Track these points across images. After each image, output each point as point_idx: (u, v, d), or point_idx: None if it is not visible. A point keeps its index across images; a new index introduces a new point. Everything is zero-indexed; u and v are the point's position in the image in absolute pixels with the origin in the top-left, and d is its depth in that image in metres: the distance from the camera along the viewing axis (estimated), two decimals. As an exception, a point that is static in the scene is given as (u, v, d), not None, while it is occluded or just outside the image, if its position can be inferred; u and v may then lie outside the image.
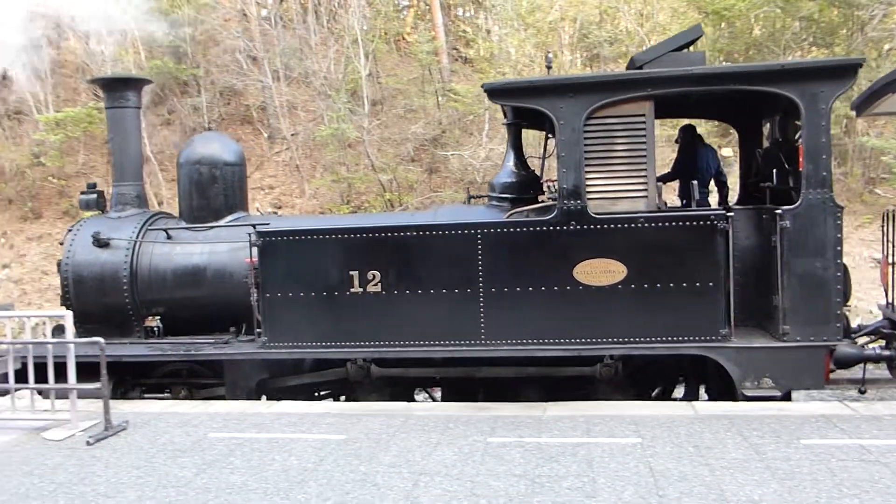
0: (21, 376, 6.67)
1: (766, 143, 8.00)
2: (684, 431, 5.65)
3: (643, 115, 6.61)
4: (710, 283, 6.47)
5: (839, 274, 6.40)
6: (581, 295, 6.63)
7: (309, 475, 5.02)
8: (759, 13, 18.37)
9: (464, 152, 19.47)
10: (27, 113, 22.95)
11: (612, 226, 6.60)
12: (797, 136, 6.80)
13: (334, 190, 20.23)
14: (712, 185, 8.65)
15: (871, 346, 7.17)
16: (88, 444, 5.94)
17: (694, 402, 6.62)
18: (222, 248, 7.94)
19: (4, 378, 6.74)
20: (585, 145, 6.66)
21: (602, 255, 6.59)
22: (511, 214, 7.10)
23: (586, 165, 6.66)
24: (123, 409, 7.01)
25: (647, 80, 6.60)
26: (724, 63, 18.81)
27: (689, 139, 8.55)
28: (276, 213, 19.68)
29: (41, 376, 6.58)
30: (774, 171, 7.18)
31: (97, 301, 7.96)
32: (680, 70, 6.63)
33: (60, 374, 6.45)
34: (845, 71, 6.39)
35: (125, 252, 8.12)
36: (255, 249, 7.23)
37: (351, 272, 7.01)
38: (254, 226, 7.49)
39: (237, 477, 5.05)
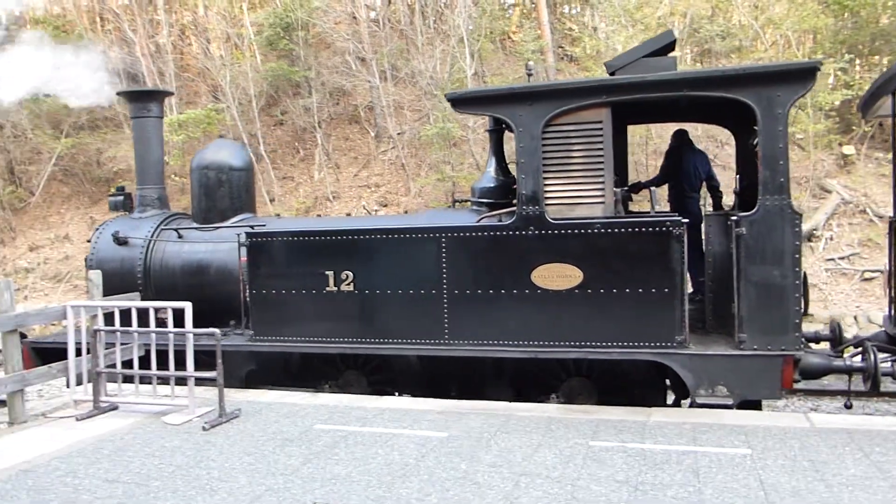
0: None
1: None
2: (798, 444, 5.39)
3: (600, 122, 6.63)
4: (666, 290, 6.42)
5: (797, 282, 6.18)
6: (539, 299, 6.75)
7: (411, 471, 5.10)
8: (888, 0, 17.26)
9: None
10: (153, 114, 24.32)
11: (569, 231, 6.66)
12: (754, 142, 6.62)
13: (439, 189, 20.42)
14: (704, 190, 8.61)
15: (855, 358, 6.86)
16: (204, 429, 6.25)
17: (809, 414, 6.32)
18: (224, 247, 8.46)
19: (130, 364, 7.19)
20: (544, 152, 6.74)
21: (559, 260, 6.69)
22: (481, 219, 7.28)
23: (544, 172, 6.76)
24: (237, 397, 7.34)
25: (603, 87, 6.62)
26: (846, 57, 17.83)
27: (676, 144, 8.51)
28: (377, 211, 20.07)
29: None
30: (737, 176, 7.20)
31: (116, 293, 8.45)
32: (635, 77, 6.60)
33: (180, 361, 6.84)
34: (803, 75, 6.19)
35: (140, 250, 8.86)
36: (244, 249, 7.75)
37: (327, 272, 7.40)
38: (252, 227, 8.11)
39: (341, 468, 5.19)
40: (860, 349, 7.14)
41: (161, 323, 7.35)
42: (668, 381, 7.39)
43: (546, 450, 5.46)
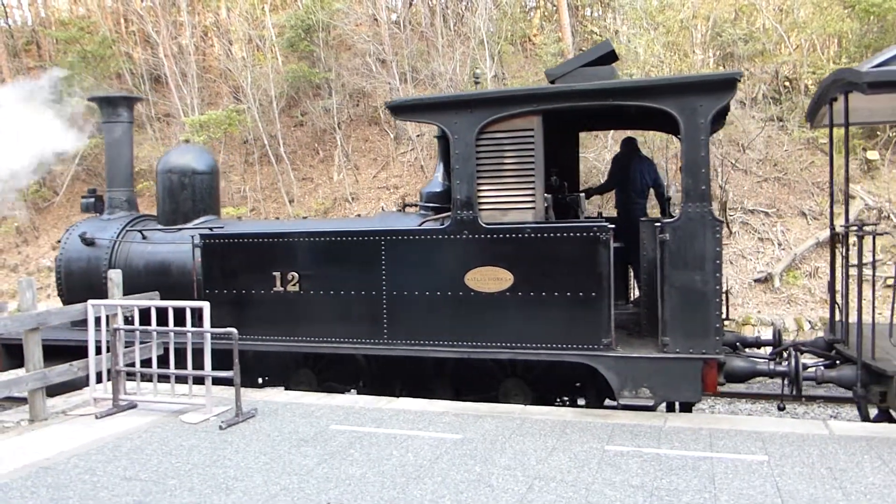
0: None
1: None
2: (816, 452, 5.34)
3: (532, 130, 6.81)
4: (593, 294, 6.59)
5: (718, 287, 6.32)
6: (472, 301, 7.00)
7: (425, 472, 5.11)
8: (915, 6, 17.04)
9: (588, 154, 19.16)
10: (175, 115, 24.55)
11: (500, 235, 6.87)
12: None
13: (457, 191, 20.42)
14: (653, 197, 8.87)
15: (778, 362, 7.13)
16: (221, 428, 6.30)
17: (829, 421, 6.26)
18: (185, 248, 8.64)
19: (149, 363, 7.26)
20: (478, 159, 6.95)
21: (491, 264, 6.94)
22: (423, 223, 7.48)
23: (478, 178, 6.97)
24: (254, 397, 7.39)
25: (534, 95, 6.86)
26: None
27: (624, 151, 8.81)
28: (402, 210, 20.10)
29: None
30: (665, 183, 7.53)
31: (82, 292, 8.70)
32: (563, 86, 6.87)
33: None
34: (723, 85, 6.41)
35: (106, 250, 9.12)
36: (198, 250, 8.05)
37: (274, 273, 7.74)
38: (211, 228, 8.42)
39: (356, 469, 5.21)
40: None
41: (126, 321, 7.43)
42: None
43: (561, 453, 5.45)
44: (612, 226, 6.68)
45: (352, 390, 8.40)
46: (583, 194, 7.69)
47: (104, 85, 25.24)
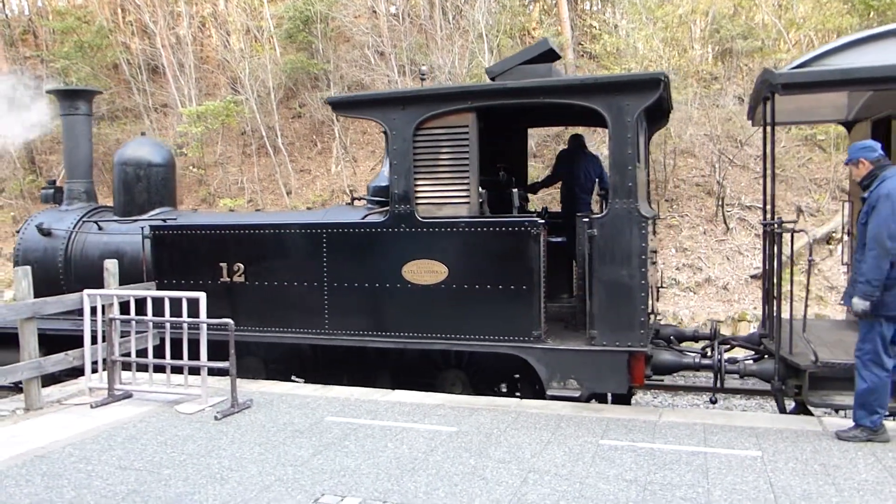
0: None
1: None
2: (810, 448, 5.36)
3: (466, 126, 6.95)
4: (524, 287, 6.81)
5: (643, 282, 6.44)
6: (408, 293, 7.19)
7: (419, 464, 5.12)
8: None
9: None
10: (172, 106, 24.47)
11: (436, 229, 7.04)
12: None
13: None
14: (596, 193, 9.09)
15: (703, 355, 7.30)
16: (216, 419, 6.31)
17: (822, 418, 6.29)
18: (138, 238, 8.73)
19: (145, 353, 7.26)
20: (415, 154, 7.11)
21: (426, 256, 7.11)
22: (366, 216, 7.64)
23: (415, 173, 7.18)
24: (249, 388, 7.40)
25: (468, 93, 7.05)
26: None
27: (570, 148, 9.07)
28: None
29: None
30: (597, 180, 8.11)
31: (39, 282, 8.67)
32: (495, 84, 7.09)
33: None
34: (649, 85, 6.51)
35: (62, 240, 9.28)
36: (147, 242, 8.22)
37: (221, 263, 7.95)
38: (164, 220, 8.62)
39: (350, 461, 5.22)
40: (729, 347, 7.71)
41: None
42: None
43: (555, 447, 5.47)
44: (543, 220, 6.82)
45: (294, 378, 8.49)
46: (516, 190, 7.79)
47: (101, 75, 25.14)
